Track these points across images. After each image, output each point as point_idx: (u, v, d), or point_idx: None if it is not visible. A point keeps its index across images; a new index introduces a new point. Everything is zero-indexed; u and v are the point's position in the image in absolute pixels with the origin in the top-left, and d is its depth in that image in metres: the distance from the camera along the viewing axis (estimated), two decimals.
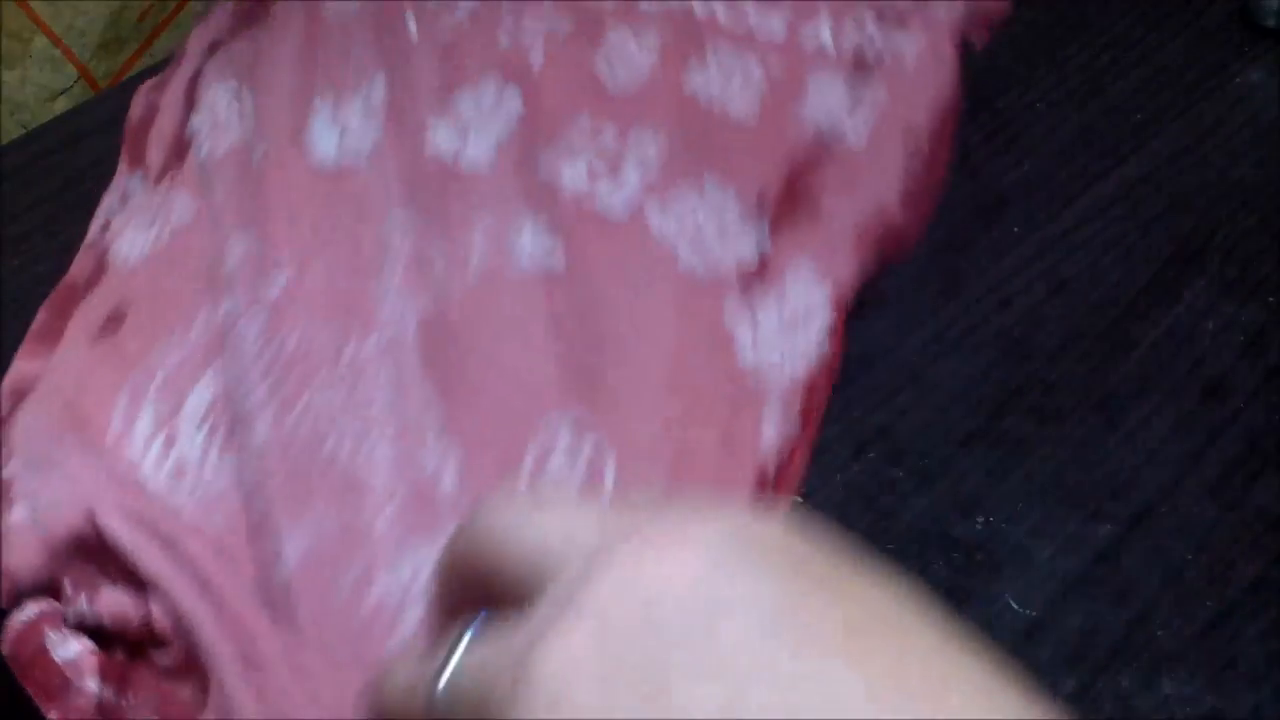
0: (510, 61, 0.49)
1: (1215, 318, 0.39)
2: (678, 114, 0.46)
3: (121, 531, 0.32)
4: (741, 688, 0.19)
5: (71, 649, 0.32)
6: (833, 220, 0.42)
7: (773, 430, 0.37)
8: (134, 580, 0.32)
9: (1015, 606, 0.33)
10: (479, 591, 0.24)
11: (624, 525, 0.23)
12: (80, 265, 0.43)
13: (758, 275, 0.40)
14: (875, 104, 0.46)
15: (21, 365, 0.40)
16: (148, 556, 0.32)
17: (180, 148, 0.47)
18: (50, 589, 0.34)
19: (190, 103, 0.48)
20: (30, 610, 0.33)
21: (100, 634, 0.33)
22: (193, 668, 0.31)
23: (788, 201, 0.42)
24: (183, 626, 0.31)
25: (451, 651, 0.23)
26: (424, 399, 0.36)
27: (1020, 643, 0.32)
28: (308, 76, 0.50)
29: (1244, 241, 0.41)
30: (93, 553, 0.34)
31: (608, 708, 0.20)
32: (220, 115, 0.46)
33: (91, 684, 0.31)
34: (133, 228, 0.43)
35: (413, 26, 0.52)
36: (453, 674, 0.23)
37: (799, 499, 0.36)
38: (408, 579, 0.32)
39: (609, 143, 0.45)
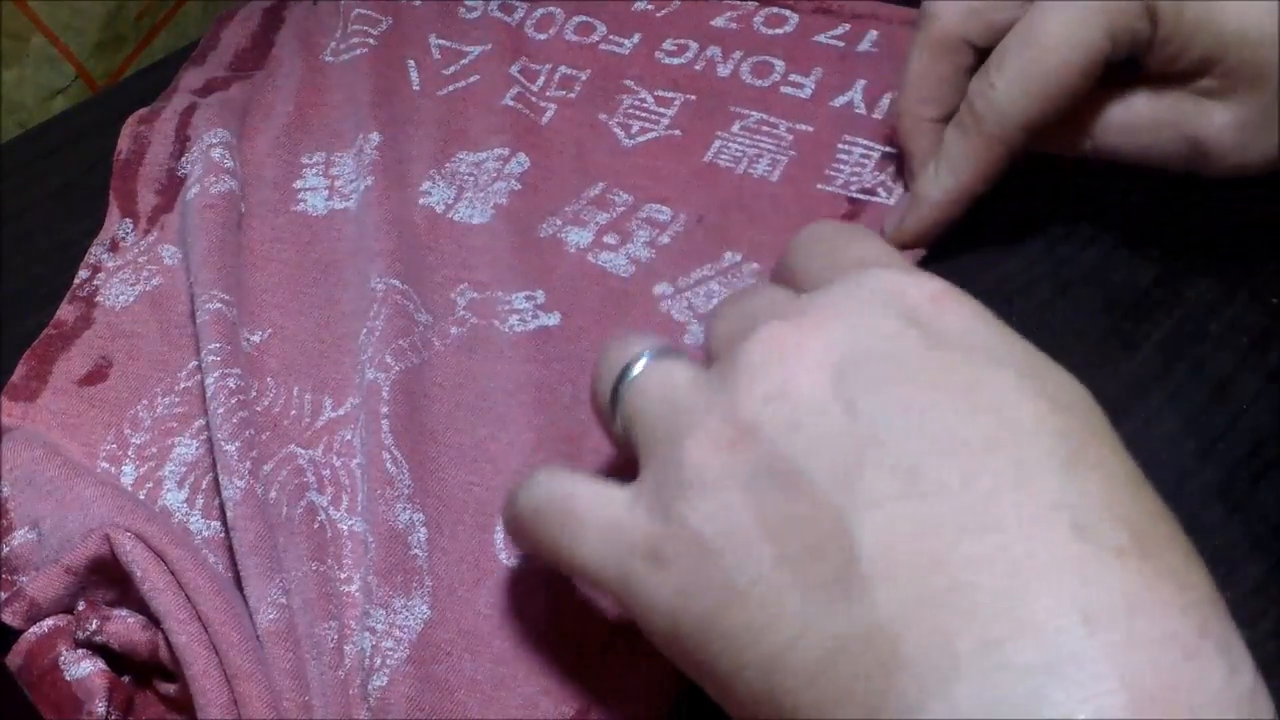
0: (518, 122, 0.48)
1: (1218, 319, 0.39)
2: (696, 182, 0.45)
3: (134, 557, 0.32)
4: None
5: (84, 668, 0.32)
6: None
7: None
8: (144, 609, 0.32)
9: None
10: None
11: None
12: (66, 312, 0.42)
13: None
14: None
15: (5, 405, 0.39)
16: (155, 588, 0.32)
17: (170, 189, 0.47)
18: (65, 606, 0.33)
19: (181, 141, 0.48)
20: (45, 625, 0.33)
21: (110, 653, 0.33)
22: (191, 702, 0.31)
23: None
24: (181, 660, 0.31)
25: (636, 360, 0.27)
26: (394, 465, 0.35)
27: None
28: (302, 129, 0.49)
29: (1247, 242, 0.41)
30: (105, 579, 0.33)
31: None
32: (211, 162, 0.46)
33: (100, 707, 0.31)
34: (119, 279, 0.43)
35: (414, 76, 0.51)
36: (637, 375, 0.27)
37: None
38: (380, 636, 0.32)
39: (620, 212, 0.44)
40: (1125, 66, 0.38)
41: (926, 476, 0.21)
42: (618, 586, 0.25)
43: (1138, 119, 0.38)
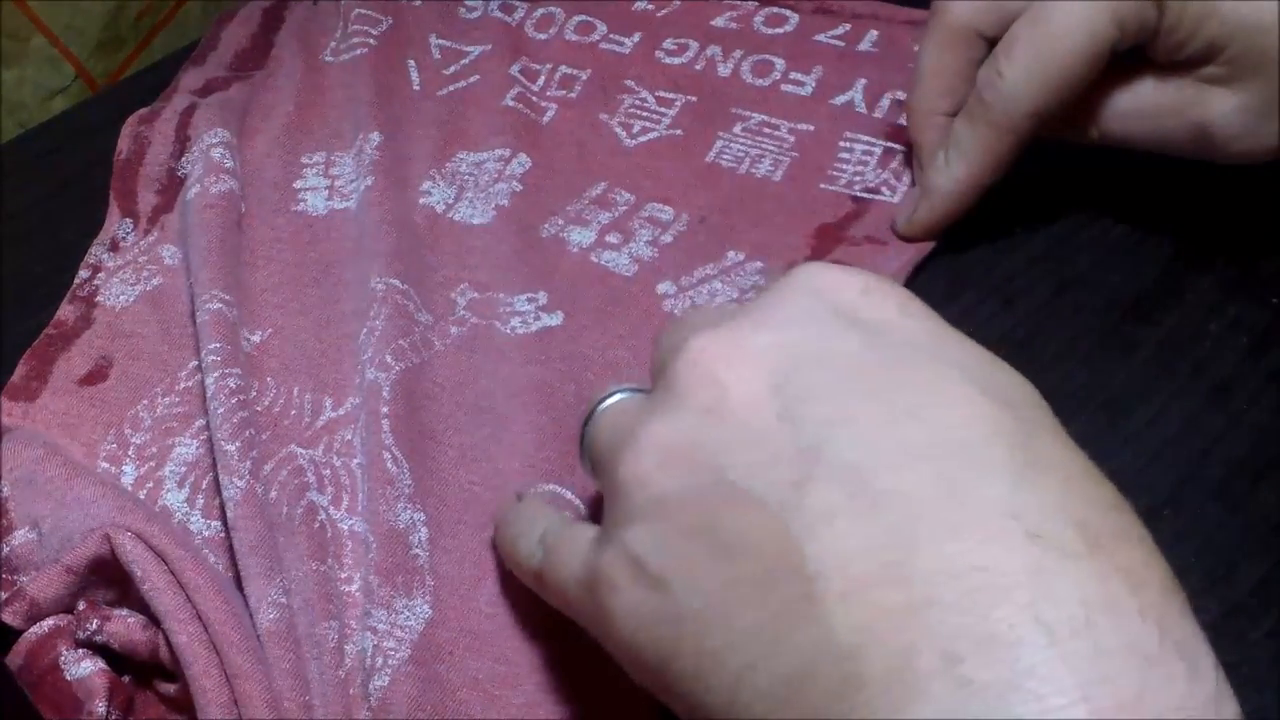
0: (519, 122, 0.48)
1: (1219, 319, 0.39)
2: (698, 182, 0.45)
3: (134, 556, 0.32)
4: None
5: (84, 668, 0.32)
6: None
7: None
8: (144, 609, 0.32)
9: None
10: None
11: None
12: (66, 312, 0.42)
13: None
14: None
15: (5, 405, 0.39)
16: (155, 588, 0.32)
17: (170, 189, 0.47)
18: (65, 606, 0.33)
19: (181, 141, 0.48)
20: (45, 624, 0.33)
21: (110, 652, 0.33)
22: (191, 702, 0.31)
23: None
24: (182, 660, 0.31)
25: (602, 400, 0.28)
26: (395, 465, 0.35)
27: None
28: (302, 129, 0.49)
29: (1248, 241, 0.41)
30: (105, 579, 0.33)
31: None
32: (211, 162, 0.46)
33: (100, 707, 0.31)
34: (119, 279, 0.43)
35: (415, 76, 0.51)
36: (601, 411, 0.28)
37: None
38: (381, 636, 0.32)
39: (622, 212, 0.44)
40: (1131, 54, 0.38)
41: (874, 487, 0.21)
42: (585, 617, 0.25)
43: (1144, 106, 0.39)
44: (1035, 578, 0.20)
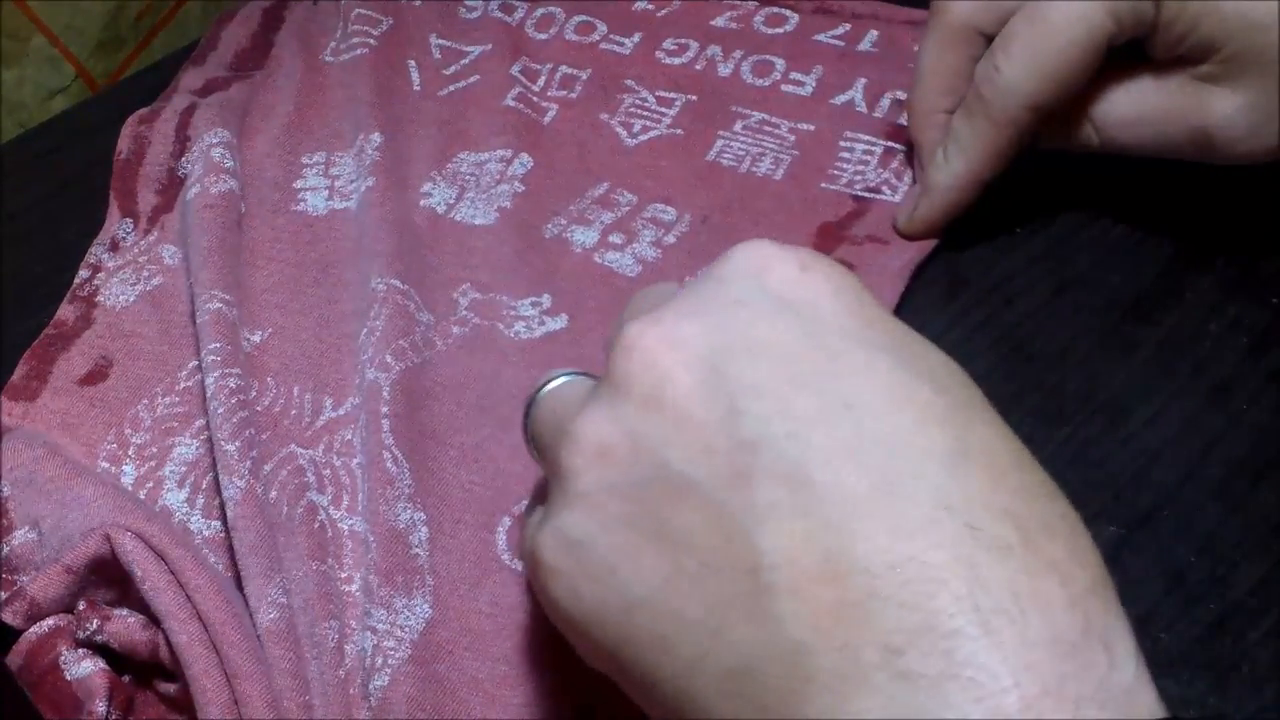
0: (520, 121, 0.48)
1: (1219, 319, 0.39)
2: (699, 181, 0.45)
3: (134, 556, 0.32)
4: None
5: (84, 668, 0.32)
6: (868, 276, 0.41)
7: None
8: (144, 609, 0.32)
9: None
10: None
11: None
12: (66, 312, 0.42)
13: None
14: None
15: (5, 405, 0.39)
16: (155, 588, 0.32)
17: (170, 189, 0.47)
18: (65, 606, 0.33)
19: (181, 141, 0.48)
20: (45, 624, 0.33)
21: (110, 652, 0.33)
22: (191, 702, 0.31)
23: None
24: (182, 660, 0.31)
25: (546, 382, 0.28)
26: (395, 465, 0.35)
27: None
28: (302, 129, 0.49)
29: (1248, 241, 0.41)
30: (105, 579, 0.33)
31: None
32: (211, 162, 0.46)
33: (100, 707, 0.31)
34: (119, 279, 0.43)
35: (415, 76, 0.51)
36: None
37: None
38: (381, 636, 0.32)
39: (624, 212, 0.44)
40: (1130, 53, 0.38)
41: (817, 479, 0.21)
42: (545, 603, 0.25)
43: (1144, 108, 0.39)
44: (970, 570, 0.20)
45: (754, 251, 0.25)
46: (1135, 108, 0.39)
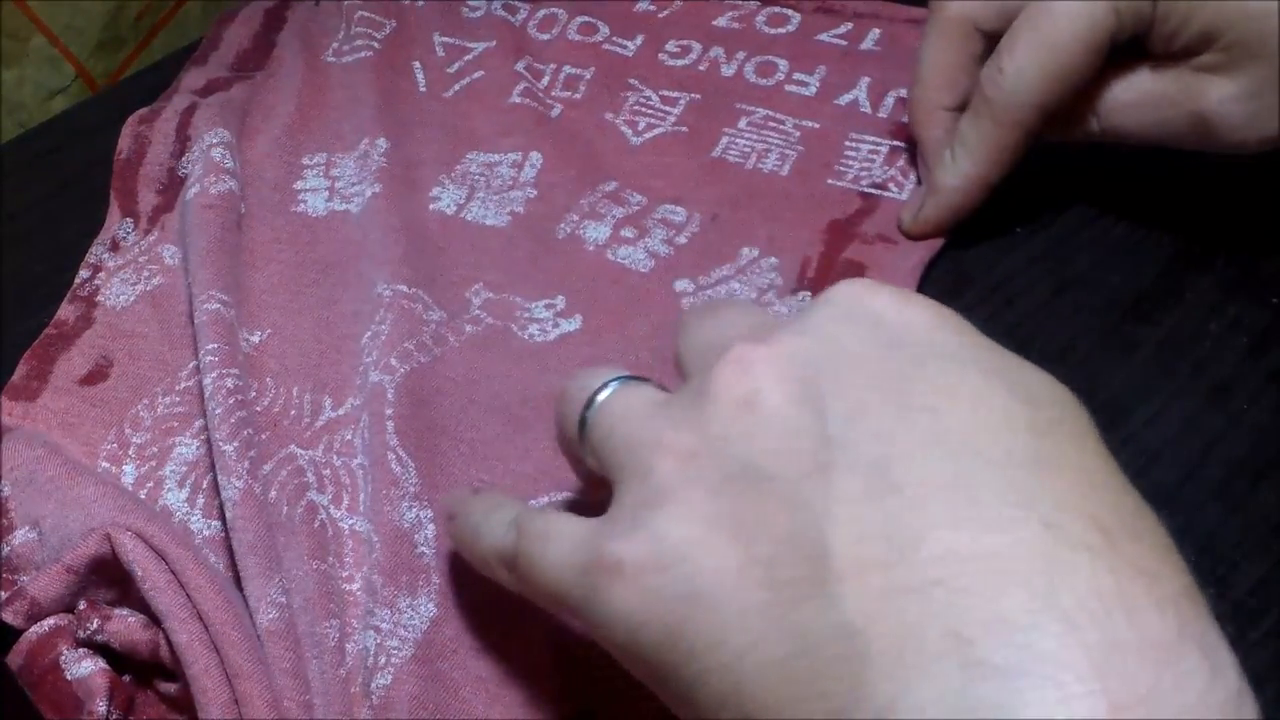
0: (528, 117, 0.48)
1: (1219, 319, 0.39)
2: (706, 178, 0.45)
3: (135, 556, 0.32)
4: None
5: (84, 668, 0.32)
6: (880, 275, 0.41)
7: None
8: (145, 609, 0.32)
9: None
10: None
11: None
12: (66, 312, 0.42)
13: None
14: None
15: (5, 405, 0.39)
16: (156, 588, 0.32)
17: (170, 189, 0.47)
18: (66, 606, 0.33)
19: (182, 141, 0.48)
20: (46, 624, 0.33)
21: (111, 652, 0.32)
22: (191, 702, 0.31)
23: (828, 269, 0.41)
24: (182, 660, 0.31)
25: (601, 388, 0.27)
26: (400, 465, 0.35)
27: None
28: (303, 129, 0.49)
29: (1248, 241, 0.41)
30: (106, 579, 0.33)
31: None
32: (211, 162, 0.46)
33: (101, 706, 0.31)
34: (119, 279, 0.43)
35: (420, 78, 0.51)
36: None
37: None
38: (385, 635, 0.32)
39: (634, 211, 0.44)
40: (1129, 46, 0.38)
41: (895, 473, 0.21)
42: (577, 601, 0.25)
43: (1143, 97, 0.39)
44: (1049, 565, 0.20)
45: (858, 283, 0.26)
46: (1134, 95, 0.39)
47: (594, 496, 0.29)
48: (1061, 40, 0.37)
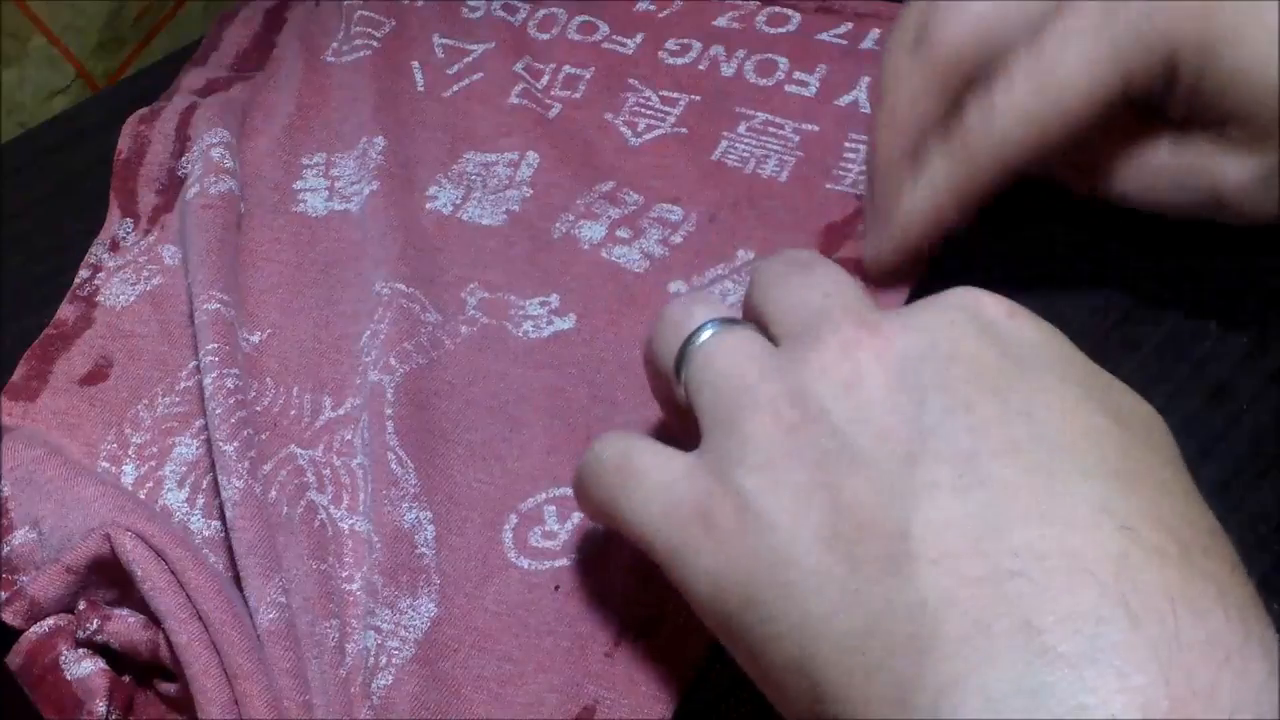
0: (526, 117, 0.48)
1: (1219, 319, 0.39)
2: (705, 180, 0.45)
3: (135, 556, 0.32)
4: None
5: (84, 668, 0.32)
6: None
7: None
8: (145, 609, 0.32)
9: None
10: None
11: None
12: (66, 312, 0.42)
13: None
14: None
15: (5, 405, 0.39)
16: (156, 588, 0.32)
17: (170, 190, 0.47)
18: (66, 606, 0.33)
19: (182, 141, 0.48)
20: (46, 624, 0.33)
21: (110, 652, 0.33)
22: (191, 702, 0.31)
23: None
24: (182, 660, 0.31)
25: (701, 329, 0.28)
26: (400, 465, 0.35)
27: None
28: (303, 129, 0.49)
29: (1247, 241, 0.41)
30: (105, 579, 0.33)
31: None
32: (211, 162, 0.45)
33: (101, 706, 0.31)
34: (119, 279, 0.43)
35: (419, 77, 0.51)
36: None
37: None
38: (385, 636, 0.32)
39: (631, 210, 0.44)
40: (1147, 112, 0.36)
41: (983, 469, 0.22)
42: (664, 547, 0.26)
43: (1160, 170, 0.37)
44: (1122, 566, 0.20)
45: (969, 291, 0.27)
46: (1153, 168, 0.37)
47: (675, 422, 0.30)
48: (1065, 94, 0.34)
